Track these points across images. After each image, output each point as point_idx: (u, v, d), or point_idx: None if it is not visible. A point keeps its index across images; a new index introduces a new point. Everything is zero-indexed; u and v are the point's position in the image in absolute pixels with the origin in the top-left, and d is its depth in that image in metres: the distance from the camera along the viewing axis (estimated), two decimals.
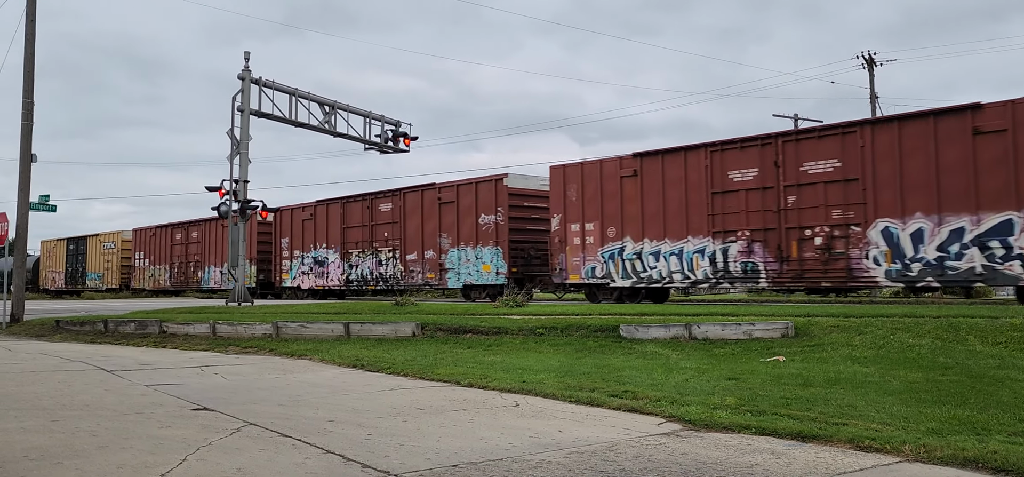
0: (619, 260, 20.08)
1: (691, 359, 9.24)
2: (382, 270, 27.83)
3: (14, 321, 18.44)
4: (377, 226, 28.25)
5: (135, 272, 44.63)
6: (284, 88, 26.77)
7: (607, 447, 4.89)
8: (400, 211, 27.29)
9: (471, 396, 7.09)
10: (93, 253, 49.15)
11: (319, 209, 31.17)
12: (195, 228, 39.70)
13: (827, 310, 12.76)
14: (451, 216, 25.39)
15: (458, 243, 25.02)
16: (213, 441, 5.07)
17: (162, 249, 42.30)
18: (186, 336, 13.78)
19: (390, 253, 27.57)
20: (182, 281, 40.43)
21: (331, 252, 30.39)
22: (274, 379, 8.57)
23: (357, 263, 29.06)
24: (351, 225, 29.45)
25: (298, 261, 32.08)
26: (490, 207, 24.04)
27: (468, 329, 12.31)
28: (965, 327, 9.69)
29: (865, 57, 36.86)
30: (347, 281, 29.49)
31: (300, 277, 31.99)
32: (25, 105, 19.19)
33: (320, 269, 30.88)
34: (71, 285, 50.81)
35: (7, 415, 6.08)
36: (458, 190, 25.18)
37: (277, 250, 33.46)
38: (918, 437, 4.89)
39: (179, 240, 41.11)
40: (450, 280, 25.17)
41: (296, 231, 32.25)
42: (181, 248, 40.93)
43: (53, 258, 53.68)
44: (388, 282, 27.64)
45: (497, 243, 23.82)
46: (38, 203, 22.10)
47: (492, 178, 24.29)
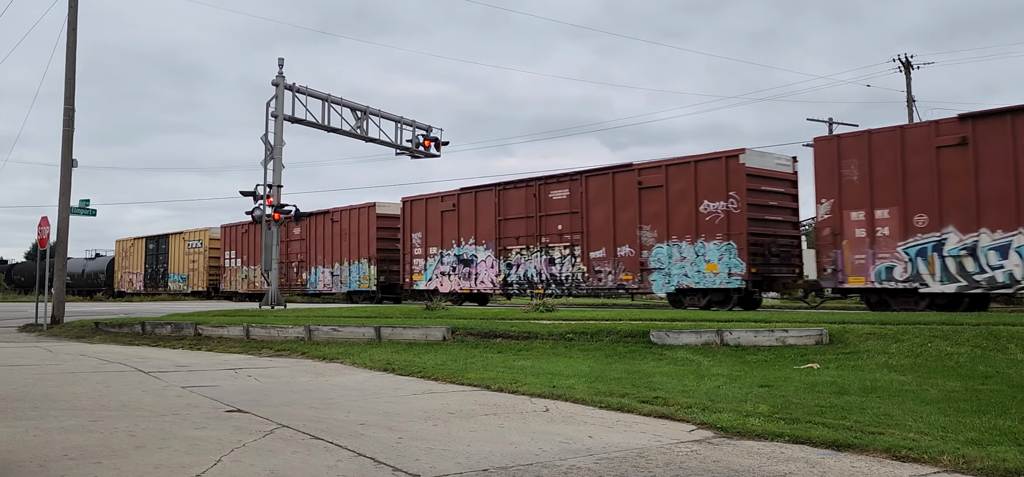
0: (935, 257, 15.60)
1: (723, 366, 9.15)
2: (554, 270, 23.29)
3: (54, 323, 18.85)
4: (548, 217, 23.52)
5: (225, 273, 40.76)
6: (317, 94, 27.07)
7: (638, 454, 4.86)
8: (580, 199, 22.59)
9: (501, 401, 7.09)
10: (176, 252, 46.33)
11: (465, 198, 26.31)
12: (297, 223, 35.03)
13: (863, 317, 12.56)
14: (657, 204, 20.56)
15: (668, 237, 20.29)
16: (247, 443, 5.13)
17: (257, 248, 37.03)
18: (220, 339, 13.97)
19: (566, 250, 22.89)
20: (283, 284, 35.71)
21: (482, 249, 25.53)
22: (306, 382, 8.66)
23: (518, 262, 24.34)
24: (510, 216, 24.63)
25: (436, 260, 27.18)
26: (717, 191, 19.24)
27: (498, 333, 12.32)
28: (1006, 335, 9.48)
29: (901, 60, 36.27)
30: (505, 284, 24.78)
31: (438, 279, 27.10)
32: (66, 112, 19.64)
33: (466, 269, 26.11)
34: (151, 287, 48.23)
35: (48, 415, 6.22)
36: (667, 172, 20.41)
37: (407, 247, 28.33)
38: (957, 447, 4.79)
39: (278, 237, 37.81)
40: (656, 283, 20.66)
41: (433, 224, 27.26)
42: (281, 247, 36.84)
43: (130, 258, 50.83)
44: (564, 284, 23.10)
45: (728, 236, 18.97)
46: (78, 207, 22.61)
47: (721, 155, 19.38)
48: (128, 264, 51.02)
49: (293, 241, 35.73)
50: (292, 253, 35.97)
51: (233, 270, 40.22)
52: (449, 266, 26.72)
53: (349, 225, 32.68)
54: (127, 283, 50.85)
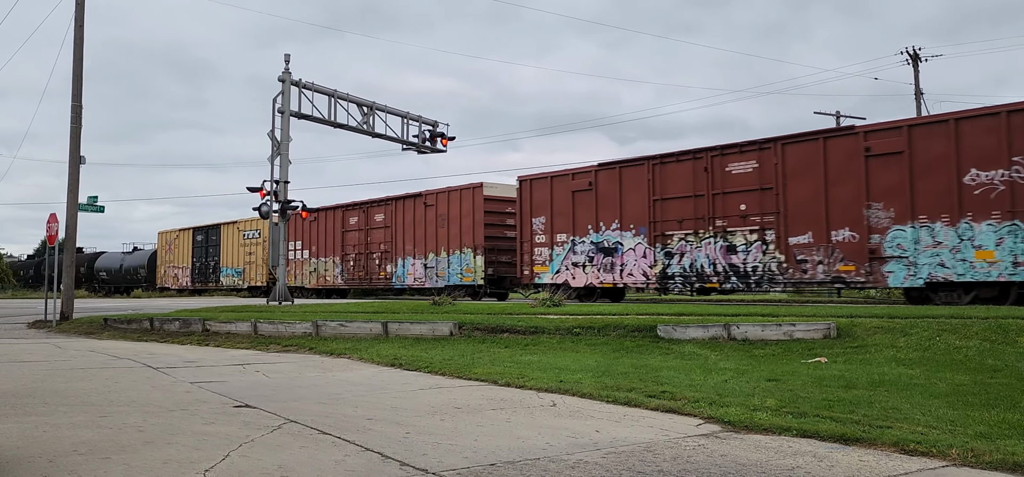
0: None
1: (730, 360, 9.13)
2: (736, 260, 19.26)
3: (64, 319, 18.95)
4: (725, 196, 19.58)
5: (289, 267, 36.43)
6: (323, 90, 27.10)
7: (645, 448, 4.86)
8: (774, 172, 18.71)
9: (508, 395, 7.10)
10: (229, 244, 42.30)
11: (605, 176, 22.45)
12: (379, 208, 31.22)
13: (871, 311, 12.52)
14: (892, 174, 16.76)
15: (912, 217, 16.38)
16: (255, 438, 5.15)
17: (329, 237, 34.00)
18: (228, 334, 14.02)
19: (753, 235, 19.00)
20: (362, 277, 32.13)
21: (628, 235, 21.67)
22: (314, 377, 8.68)
23: (682, 250, 20.46)
24: (670, 196, 20.79)
25: (565, 249, 23.31)
26: (993, 156, 15.43)
27: (505, 328, 12.33)
28: (1015, 329, 9.43)
29: (909, 53, 36.09)
30: (663, 276, 20.92)
31: (569, 271, 23.19)
32: (74, 109, 19.71)
33: (607, 259, 22.20)
34: (200, 282, 44.67)
35: (57, 411, 6.25)
36: (910, 134, 16.59)
37: (526, 234, 24.44)
38: (966, 441, 4.77)
39: (355, 224, 32.52)
40: (894, 275, 16.74)
41: (561, 207, 23.43)
42: (358, 235, 32.29)
43: (174, 251, 47.13)
44: (750, 277, 19.09)
45: (1013, 214, 15.18)
46: (87, 204, 22.68)
47: (998, 110, 15.58)
48: (173, 258, 47.41)
49: (375, 229, 31.22)
50: (373, 243, 31.39)
51: (298, 263, 36.27)
52: (584, 256, 22.79)
53: (448, 209, 28.32)
54: (171, 278, 47.32)
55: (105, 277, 56.27)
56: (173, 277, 47.16)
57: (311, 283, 35.36)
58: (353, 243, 32.84)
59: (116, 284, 54.68)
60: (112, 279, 54.94)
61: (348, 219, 33.31)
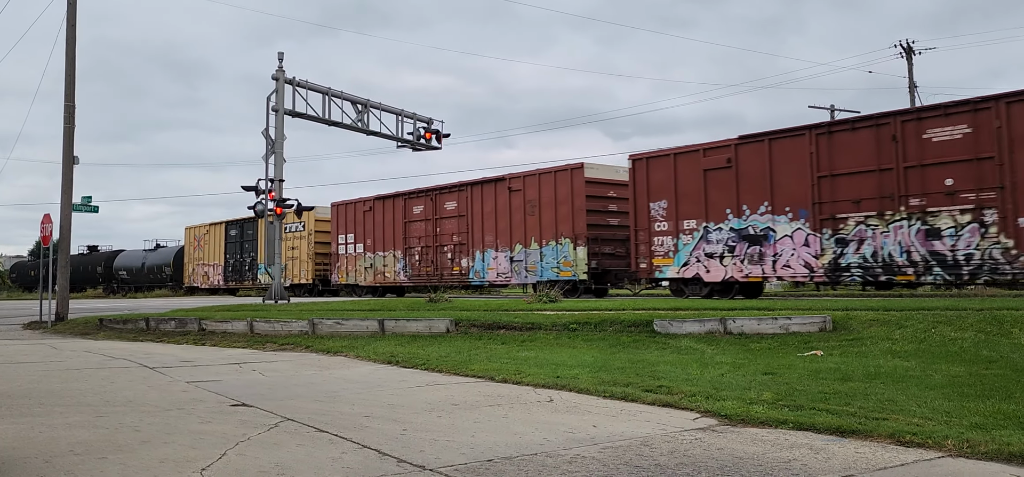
0: None
1: (726, 354, 9.15)
2: (940, 247, 15.97)
3: (59, 320, 18.90)
4: (923, 169, 16.28)
5: (338, 262, 33.11)
6: (317, 87, 27.05)
7: (642, 442, 4.87)
8: (993, 139, 15.39)
9: (505, 391, 7.10)
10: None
11: (747, 151, 19.23)
12: (451, 195, 27.61)
13: (866, 303, 12.56)
14: None
15: None
16: (252, 436, 5.15)
17: (388, 228, 30.07)
18: (224, 334, 14.00)
19: (965, 216, 15.61)
20: (430, 273, 28.21)
21: (782, 220, 18.47)
22: (311, 375, 8.68)
23: (861, 236, 17.12)
24: (842, 171, 17.46)
25: (695, 237, 20.07)
26: None
27: (502, 325, 12.33)
28: (1010, 320, 9.47)
29: (903, 46, 36.16)
30: (834, 267, 17.58)
31: (700, 263, 20.03)
32: (67, 109, 19.65)
33: (753, 249, 18.96)
34: (235, 280, 40.76)
35: (53, 411, 6.24)
36: None
37: (642, 222, 21.29)
38: (961, 432, 4.79)
39: (420, 214, 28.73)
40: None
41: (687, 188, 20.30)
42: (425, 226, 28.58)
43: (204, 247, 43.08)
44: (960, 267, 15.84)
45: None
46: (81, 205, 22.61)
47: None
48: (202, 255, 43.26)
49: (446, 218, 27.62)
50: (443, 234, 27.78)
51: (350, 258, 32.33)
52: (721, 245, 19.66)
53: (539, 194, 24.70)
54: (200, 277, 43.30)
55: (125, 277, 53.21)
56: (203, 275, 42.99)
57: (367, 280, 31.36)
58: (418, 235, 28.81)
59: (138, 284, 51.63)
60: (134, 279, 51.83)
61: (411, 208, 29.19)
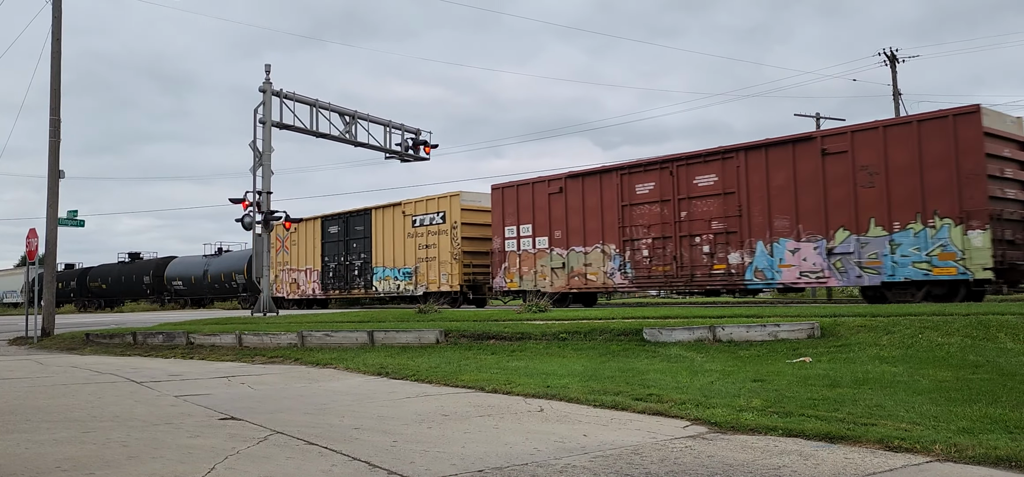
0: None
1: (716, 361, 9.18)
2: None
3: (45, 335, 18.74)
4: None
5: (506, 262, 24.35)
6: (304, 99, 27.02)
7: (632, 451, 4.88)
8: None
9: (495, 402, 7.10)
10: (387, 234, 30.11)
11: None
12: (706, 166, 19.87)
13: (854, 310, 12.62)
14: None
15: None
16: (241, 450, 5.12)
17: (591, 216, 22.23)
18: (213, 347, 13.92)
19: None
20: (671, 273, 20.46)
21: None
22: (300, 388, 8.64)
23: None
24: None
25: None
26: None
27: (491, 335, 12.32)
28: (995, 325, 9.54)
29: (887, 54, 36.47)
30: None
31: None
32: (52, 122, 19.54)
33: None
34: (339, 288, 32.75)
35: (40, 427, 6.18)
36: None
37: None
38: (949, 436, 4.83)
39: (647, 194, 20.88)
40: None
41: None
42: (657, 210, 20.70)
43: (292, 250, 35.59)
44: None
45: None
46: (66, 218, 22.46)
47: None
48: (289, 258, 35.76)
49: (698, 197, 19.92)
50: (694, 218, 19.94)
51: (525, 256, 23.82)
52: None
53: (884, 155, 16.91)
54: (288, 285, 35.64)
55: (180, 287, 46.91)
56: (291, 283, 35.42)
57: (555, 284, 22.95)
58: (646, 222, 20.89)
59: (198, 295, 45.03)
60: (192, 289, 45.35)
61: (632, 186, 21.19)
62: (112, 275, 53.32)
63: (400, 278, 29.49)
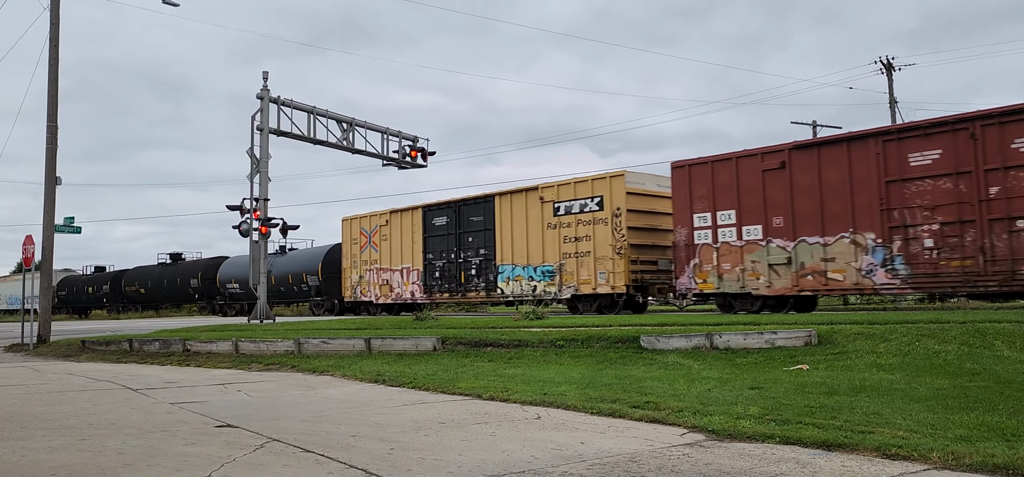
0: None
1: (713, 369, 9.18)
2: None
3: (41, 342, 18.69)
4: None
5: (702, 256, 19.83)
6: (302, 106, 27.04)
7: (630, 458, 4.87)
8: None
9: (492, 409, 7.08)
10: (516, 227, 24.85)
11: None
12: None
13: (851, 317, 12.64)
14: None
15: None
16: (237, 457, 5.10)
17: (834, 196, 17.76)
18: (209, 354, 13.89)
19: None
20: (999, 269, 15.38)
21: None
22: (297, 395, 8.62)
23: None
24: None
25: None
26: None
27: (488, 342, 12.31)
28: (992, 332, 9.56)
29: (883, 62, 36.59)
30: None
31: None
32: (49, 129, 19.52)
33: None
34: (448, 291, 27.10)
35: (35, 435, 6.16)
36: None
37: None
38: (946, 444, 4.82)
39: (929, 166, 16.26)
40: None
41: None
42: (950, 185, 16.06)
43: (383, 246, 29.25)
44: None
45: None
46: (63, 225, 22.43)
47: None
48: (378, 256, 29.80)
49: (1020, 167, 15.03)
50: (1016, 191, 15.25)
51: (725, 250, 19.46)
52: None
53: None
54: (375, 287, 29.84)
55: (236, 291, 41.19)
56: (382, 285, 29.49)
57: (777, 285, 18.58)
58: (928, 203, 16.33)
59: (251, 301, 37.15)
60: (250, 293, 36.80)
61: (904, 156, 16.74)
62: (152, 278, 48.93)
63: (537, 278, 24.29)
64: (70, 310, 57.63)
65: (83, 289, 56.04)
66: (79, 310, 57.69)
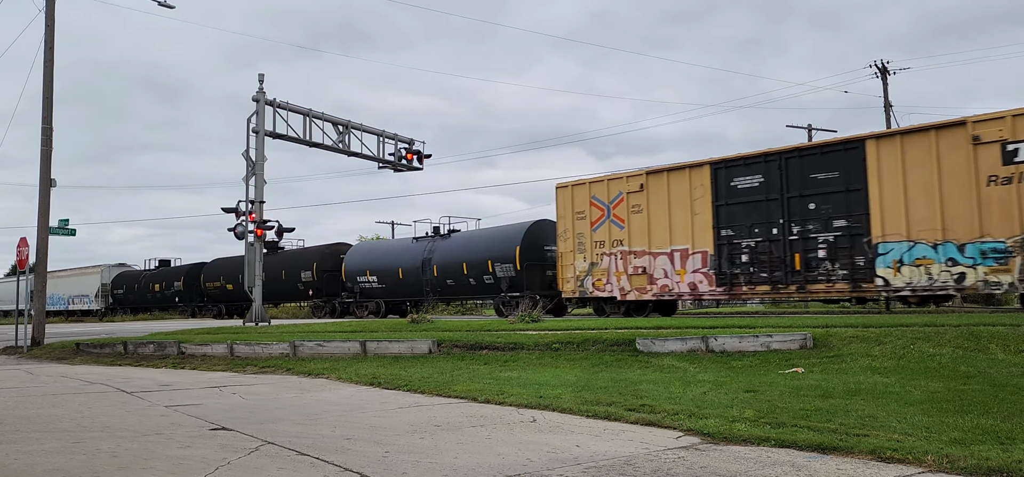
0: None
1: (709, 372, 9.18)
2: None
3: (35, 344, 18.61)
4: None
5: None
6: (298, 109, 27.01)
7: (625, 461, 4.87)
8: None
9: (488, 412, 7.08)
10: (913, 181, 16.89)
11: None
12: None
13: (846, 321, 12.66)
14: None
15: None
16: (232, 460, 5.09)
17: None
18: (204, 357, 13.85)
19: None
20: None
21: None
22: (292, 398, 8.60)
23: None
24: None
25: None
26: None
27: (484, 345, 12.30)
28: (986, 335, 9.58)
29: (878, 66, 36.71)
30: None
31: None
32: (44, 131, 19.47)
33: None
34: (776, 283, 19.12)
35: (29, 438, 6.13)
36: None
37: None
38: (941, 447, 4.83)
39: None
40: None
41: None
42: None
43: (637, 224, 21.57)
44: None
45: None
46: (58, 228, 22.34)
47: None
48: (627, 234, 21.89)
49: None
50: None
51: None
52: None
53: None
54: (626, 278, 21.79)
55: (372, 285, 32.27)
56: (634, 274, 21.54)
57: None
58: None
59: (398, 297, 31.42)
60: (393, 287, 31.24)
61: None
62: (225, 270, 41.60)
63: (967, 261, 16.30)
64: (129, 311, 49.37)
65: (147, 287, 47.12)
66: (141, 310, 48.24)
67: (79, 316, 53.92)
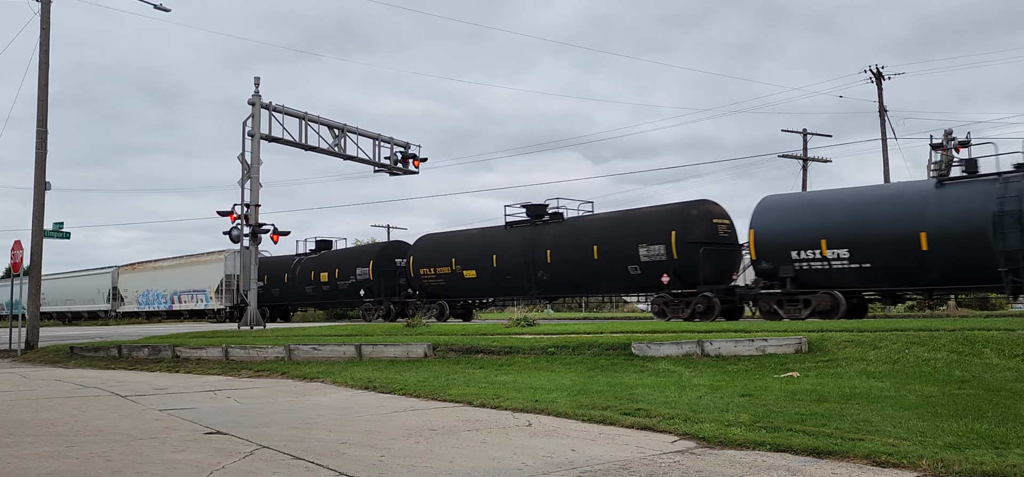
0: None
1: (704, 376, 9.18)
2: None
3: (29, 348, 18.54)
4: None
5: None
6: (293, 112, 26.98)
7: (620, 466, 4.87)
8: None
9: (483, 416, 7.07)
10: None
11: None
12: None
13: (841, 325, 12.67)
14: None
15: None
16: (226, 464, 5.07)
17: None
18: (199, 360, 13.81)
19: None
20: None
21: None
22: (287, 402, 8.58)
23: None
24: None
25: None
26: None
27: (480, 349, 12.28)
28: (981, 340, 9.60)
29: (873, 71, 36.79)
30: None
31: None
32: (39, 134, 19.41)
33: None
34: None
35: (22, 441, 6.10)
36: None
37: None
38: (935, 452, 4.84)
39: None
40: None
41: None
42: None
43: None
44: None
45: None
46: (52, 231, 22.25)
47: None
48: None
49: None
50: None
51: None
52: None
53: None
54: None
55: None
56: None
57: None
58: None
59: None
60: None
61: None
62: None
63: None
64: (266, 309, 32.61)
65: (304, 277, 34.95)
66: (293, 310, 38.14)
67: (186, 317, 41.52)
